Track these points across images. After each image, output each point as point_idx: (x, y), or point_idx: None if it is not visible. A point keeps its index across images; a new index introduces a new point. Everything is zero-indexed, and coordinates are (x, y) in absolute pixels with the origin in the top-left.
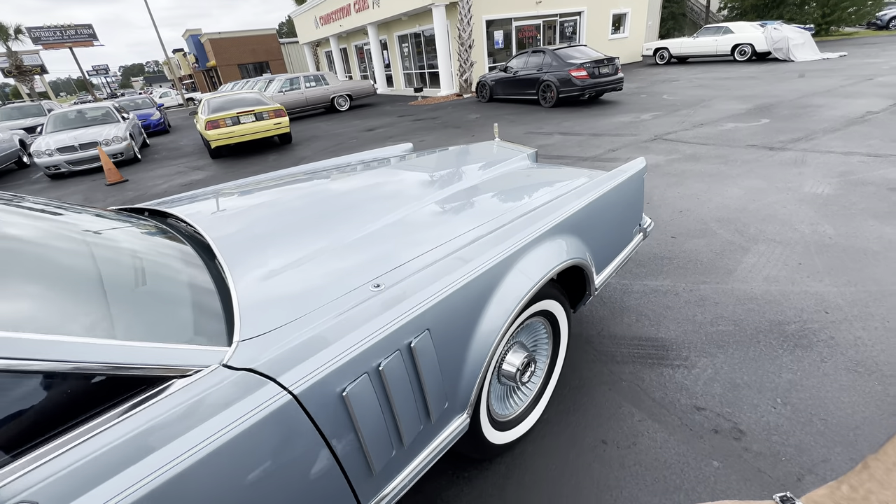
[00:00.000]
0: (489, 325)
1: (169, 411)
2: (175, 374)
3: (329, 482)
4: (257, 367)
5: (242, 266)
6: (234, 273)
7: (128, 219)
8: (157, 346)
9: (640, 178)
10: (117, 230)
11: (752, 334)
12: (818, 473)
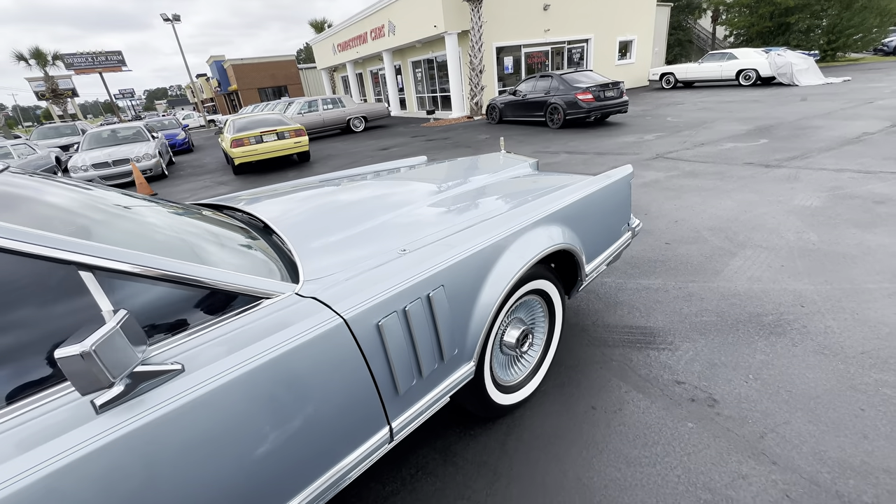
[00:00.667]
0: (491, 290)
1: (264, 318)
2: (265, 296)
3: (366, 392)
4: (318, 296)
5: (296, 236)
6: (291, 240)
7: (205, 209)
8: (256, 278)
9: (627, 182)
10: (214, 214)
11: (732, 324)
12: (779, 432)
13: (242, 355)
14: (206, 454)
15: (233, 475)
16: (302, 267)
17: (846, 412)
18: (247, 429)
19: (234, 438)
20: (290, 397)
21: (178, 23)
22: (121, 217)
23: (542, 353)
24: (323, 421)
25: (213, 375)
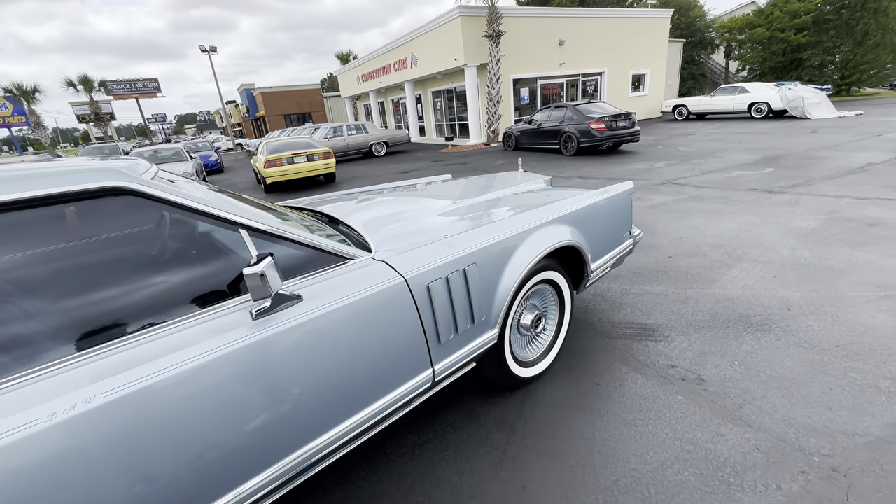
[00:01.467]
0: (511, 272)
1: (351, 272)
2: (350, 257)
3: (417, 337)
4: (387, 260)
5: (361, 225)
6: (358, 227)
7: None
8: (345, 246)
9: (628, 196)
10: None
11: (723, 322)
12: (756, 404)
13: (337, 294)
14: (314, 355)
15: (330, 373)
16: (371, 243)
17: (816, 390)
18: (336, 343)
19: (330, 347)
20: (367, 327)
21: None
22: (247, 201)
23: (553, 338)
24: (388, 351)
25: (319, 305)
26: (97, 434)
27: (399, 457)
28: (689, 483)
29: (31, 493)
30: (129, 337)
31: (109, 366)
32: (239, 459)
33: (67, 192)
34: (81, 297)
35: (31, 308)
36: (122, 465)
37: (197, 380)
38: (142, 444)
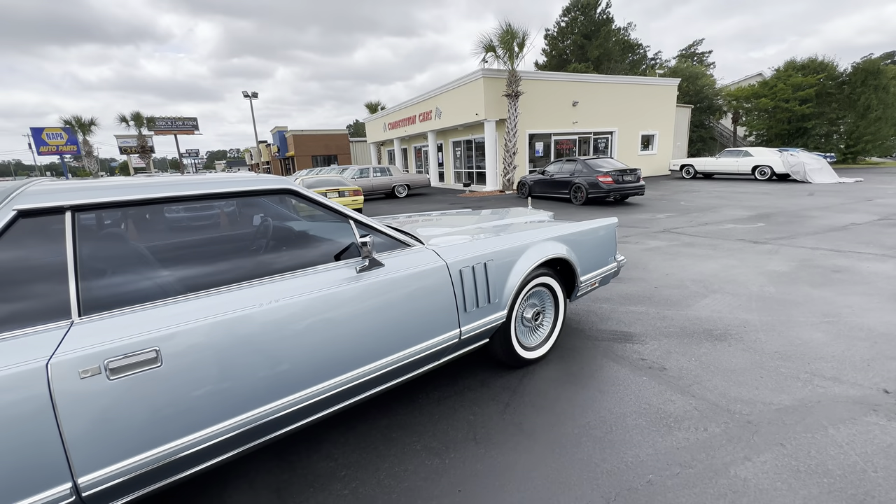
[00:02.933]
0: (518, 270)
1: (417, 252)
2: (413, 245)
3: (451, 304)
4: (434, 250)
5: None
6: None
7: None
8: (410, 238)
9: (613, 228)
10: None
11: (689, 333)
12: (701, 384)
13: (404, 265)
14: (389, 300)
15: (399, 313)
16: (423, 239)
17: (750, 377)
18: (402, 295)
19: (399, 297)
20: (420, 289)
21: (255, 99)
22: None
23: (549, 331)
24: (432, 308)
25: (394, 270)
26: (277, 318)
27: (428, 404)
28: (641, 425)
29: (242, 347)
30: (291, 272)
31: (283, 287)
32: (338, 357)
33: (270, 189)
34: (271, 247)
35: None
36: (284, 342)
37: (324, 301)
38: (298, 331)
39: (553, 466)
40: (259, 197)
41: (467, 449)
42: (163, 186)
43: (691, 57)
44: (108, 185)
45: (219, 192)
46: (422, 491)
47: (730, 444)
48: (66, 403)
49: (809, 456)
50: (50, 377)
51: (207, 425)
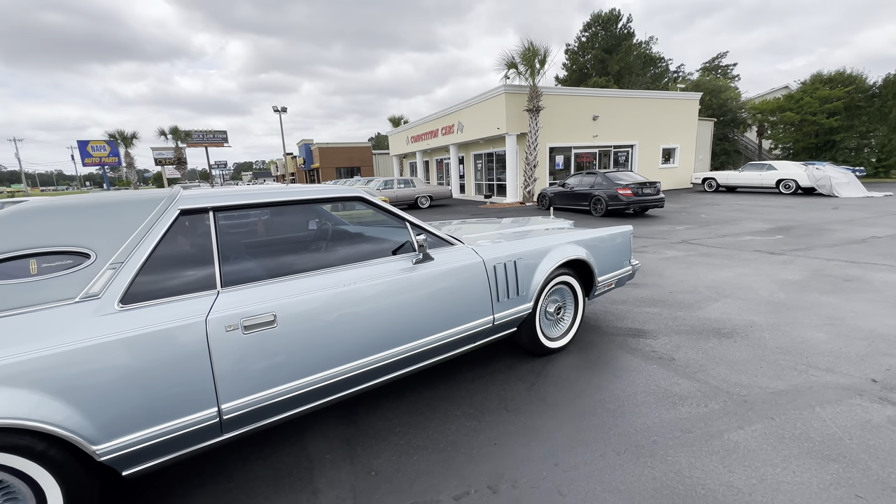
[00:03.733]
0: (543, 268)
1: (459, 250)
2: (455, 244)
3: (486, 294)
4: (472, 248)
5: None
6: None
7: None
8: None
9: (628, 235)
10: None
11: (699, 331)
12: (706, 371)
13: (449, 260)
14: (437, 288)
15: (444, 299)
16: (463, 239)
17: (751, 367)
18: (447, 284)
19: (444, 286)
20: (461, 280)
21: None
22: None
23: (570, 325)
24: (470, 296)
25: (441, 263)
26: (356, 297)
27: (464, 381)
28: (650, 401)
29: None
30: (363, 262)
31: (358, 274)
32: (398, 331)
33: (346, 196)
34: (345, 242)
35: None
36: (359, 316)
37: (388, 285)
38: (370, 308)
39: (572, 429)
40: (338, 202)
41: (499, 415)
42: (271, 193)
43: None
44: (235, 192)
45: (310, 198)
46: (464, 443)
47: (726, 416)
48: (217, 348)
49: (795, 427)
50: (207, 329)
51: (305, 375)
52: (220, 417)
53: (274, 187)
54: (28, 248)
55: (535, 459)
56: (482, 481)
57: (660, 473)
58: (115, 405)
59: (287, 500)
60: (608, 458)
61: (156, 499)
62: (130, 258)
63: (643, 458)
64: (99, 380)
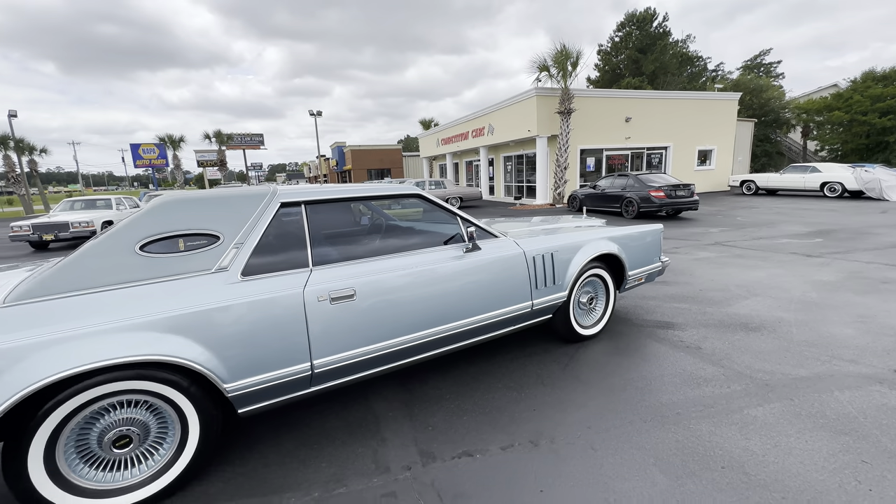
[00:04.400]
0: (577, 261)
1: (502, 242)
2: (499, 237)
3: (525, 281)
4: (514, 240)
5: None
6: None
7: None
8: (497, 231)
9: (658, 233)
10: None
11: (727, 325)
12: (731, 358)
13: (494, 249)
14: (484, 274)
15: (489, 284)
16: (501, 234)
17: (775, 357)
18: (492, 271)
19: (490, 272)
20: (505, 268)
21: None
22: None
23: (601, 314)
24: (512, 282)
25: (487, 252)
26: (416, 280)
27: (504, 361)
28: (676, 382)
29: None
30: (420, 250)
31: (417, 259)
32: (450, 310)
33: (407, 193)
34: (406, 232)
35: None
36: (419, 295)
37: (442, 270)
38: (428, 289)
39: (603, 401)
40: (400, 199)
41: (537, 389)
42: (347, 190)
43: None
44: (320, 189)
45: (378, 195)
46: (507, 408)
47: (747, 396)
48: (311, 314)
49: (812, 406)
50: (304, 298)
51: (376, 342)
52: (312, 371)
53: (348, 186)
54: (177, 231)
55: (570, 423)
56: (524, 437)
57: (682, 437)
58: (239, 354)
59: (360, 444)
60: (635, 424)
61: (253, 441)
62: (247, 240)
63: (667, 426)
64: (228, 332)
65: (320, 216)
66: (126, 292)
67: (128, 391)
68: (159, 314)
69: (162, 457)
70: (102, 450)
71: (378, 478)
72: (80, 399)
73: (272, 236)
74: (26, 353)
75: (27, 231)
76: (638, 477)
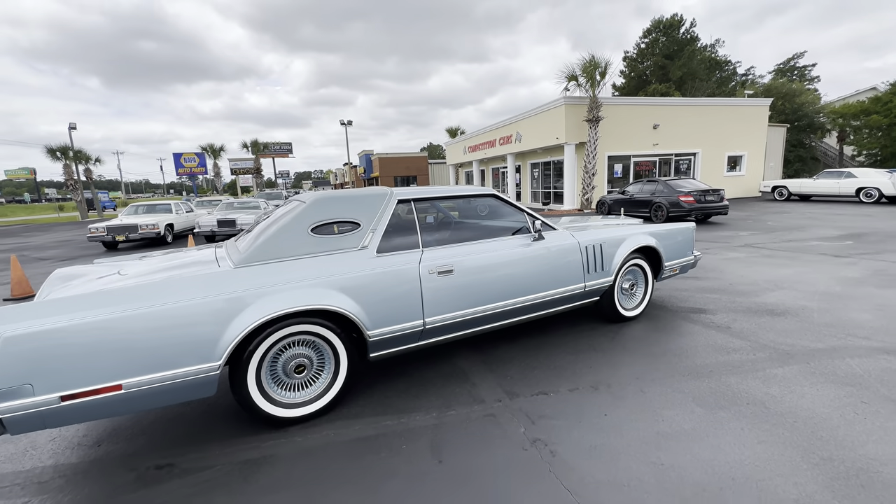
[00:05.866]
0: (621, 252)
1: (560, 234)
2: (556, 229)
3: (579, 266)
4: (570, 233)
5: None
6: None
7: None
8: (556, 223)
9: (691, 230)
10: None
11: (754, 311)
12: (757, 335)
13: (554, 238)
14: (547, 258)
15: (550, 266)
16: (559, 227)
17: (797, 336)
18: (554, 256)
19: (551, 257)
20: (563, 254)
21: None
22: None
23: (641, 298)
24: (568, 266)
25: (549, 241)
26: (496, 261)
27: (558, 334)
28: (708, 351)
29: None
30: (496, 238)
31: (495, 245)
32: (521, 286)
33: (485, 194)
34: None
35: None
36: (498, 274)
37: (509, 256)
38: (506, 270)
39: (647, 363)
40: (478, 198)
41: (591, 354)
42: (439, 191)
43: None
44: (422, 190)
45: (462, 195)
46: (568, 366)
47: (769, 361)
48: (424, 284)
49: (825, 368)
50: (420, 272)
51: (467, 308)
52: (423, 327)
53: (440, 188)
54: (332, 219)
55: (622, 375)
56: (586, 384)
57: (714, 386)
58: (377, 310)
59: (456, 386)
60: (675, 377)
61: (372, 384)
62: (378, 226)
63: (701, 378)
64: (370, 294)
65: (422, 211)
66: (305, 261)
67: (303, 332)
68: (328, 277)
69: (321, 384)
70: (286, 375)
71: (477, 406)
72: (278, 335)
73: (394, 224)
74: (253, 299)
75: (102, 232)
76: (680, 408)
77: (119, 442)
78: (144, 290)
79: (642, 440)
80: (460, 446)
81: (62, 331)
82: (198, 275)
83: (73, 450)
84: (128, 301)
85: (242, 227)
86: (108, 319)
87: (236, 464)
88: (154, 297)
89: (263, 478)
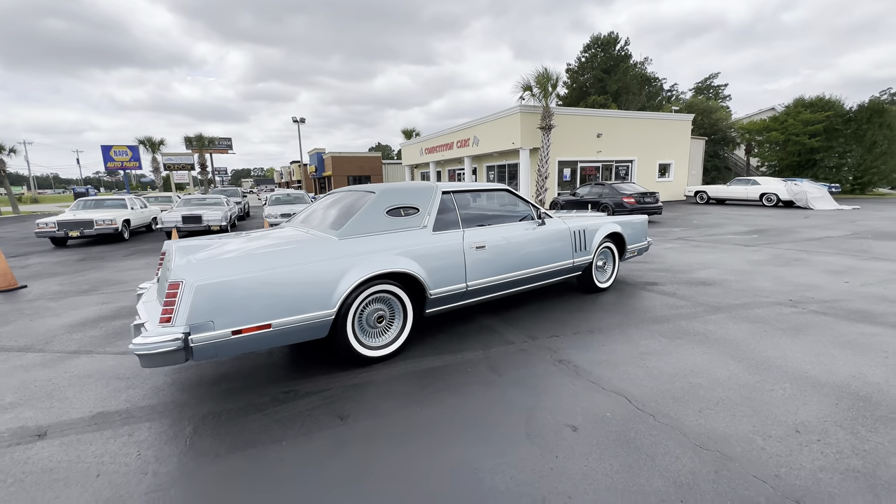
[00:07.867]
0: (598, 236)
1: (555, 221)
2: (553, 218)
3: (569, 246)
4: (562, 221)
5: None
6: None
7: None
8: (551, 212)
9: (644, 221)
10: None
11: (690, 283)
12: (695, 298)
13: (552, 225)
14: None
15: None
16: (554, 215)
17: (721, 296)
18: (550, 237)
19: (547, 238)
20: (556, 237)
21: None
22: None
23: (610, 274)
24: (559, 245)
25: (549, 226)
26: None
27: (553, 301)
28: (662, 308)
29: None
30: (508, 223)
31: (509, 227)
32: (528, 259)
33: (497, 188)
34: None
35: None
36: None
37: (522, 236)
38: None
39: (622, 316)
40: (497, 192)
41: (581, 313)
42: (471, 184)
43: (707, 90)
44: (458, 185)
45: (486, 188)
46: (567, 320)
47: (704, 312)
48: (467, 255)
49: (741, 315)
50: (463, 247)
51: (494, 275)
52: (466, 289)
53: (468, 184)
54: (399, 204)
55: (608, 324)
56: (584, 329)
57: (671, 326)
58: (434, 274)
59: (489, 335)
60: (645, 323)
61: (422, 337)
62: (431, 211)
63: (662, 323)
64: (430, 261)
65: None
66: (385, 236)
67: (382, 291)
68: (402, 248)
69: (394, 332)
70: (369, 325)
71: (510, 346)
72: (368, 291)
73: (441, 210)
74: (356, 262)
75: (53, 228)
76: (651, 339)
77: (235, 381)
78: (285, 252)
79: (631, 357)
80: (509, 366)
81: (234, 282)
82: (319, 242)
83: (195, 388)
84: (275, 261)
85: (208, 223)
86: (265, 274)
87: (346, 387)
88: (293, 258)
89: (372, 391)
